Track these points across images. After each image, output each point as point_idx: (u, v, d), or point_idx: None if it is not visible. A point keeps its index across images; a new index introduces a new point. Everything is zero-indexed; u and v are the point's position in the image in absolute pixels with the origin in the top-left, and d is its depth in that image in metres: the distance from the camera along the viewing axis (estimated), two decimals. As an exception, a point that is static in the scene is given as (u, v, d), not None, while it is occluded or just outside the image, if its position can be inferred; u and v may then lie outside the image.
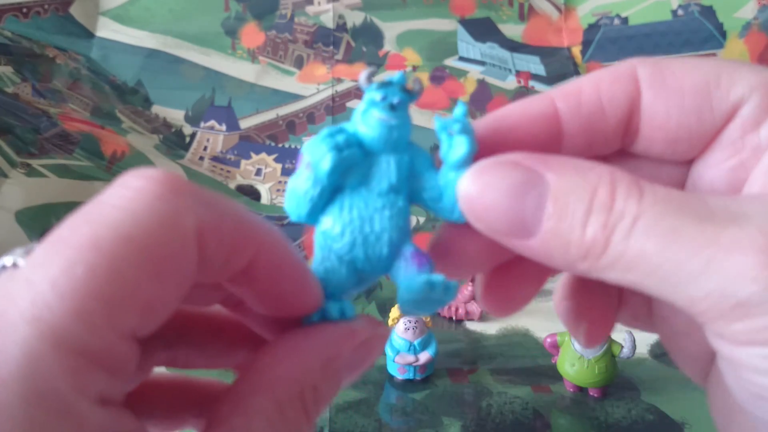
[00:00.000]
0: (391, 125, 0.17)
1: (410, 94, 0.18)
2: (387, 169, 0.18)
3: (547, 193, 0.16)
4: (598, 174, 0.16)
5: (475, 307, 0.61)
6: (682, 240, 0.15)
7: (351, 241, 0.18)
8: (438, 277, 0.17)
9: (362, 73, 0.18)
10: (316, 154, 0.17)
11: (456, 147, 0.17)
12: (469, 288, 0.60)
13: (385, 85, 0.18)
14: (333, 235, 0.18)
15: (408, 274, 0.18)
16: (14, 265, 0.15)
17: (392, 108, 0.17)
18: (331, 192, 0.18)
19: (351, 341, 0.17)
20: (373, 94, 0.18)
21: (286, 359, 0.16)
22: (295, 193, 0.18)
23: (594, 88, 0.19)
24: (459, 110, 0.18)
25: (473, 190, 0.17)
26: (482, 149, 0.18)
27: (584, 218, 0.16)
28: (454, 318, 0.62)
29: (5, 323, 0.13)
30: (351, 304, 0.18)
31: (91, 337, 0.13)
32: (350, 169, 0.17)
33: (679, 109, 0.18)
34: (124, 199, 0.14)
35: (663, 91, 0.18)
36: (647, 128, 0.19)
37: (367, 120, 0.17)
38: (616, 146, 0.19)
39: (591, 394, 0.50)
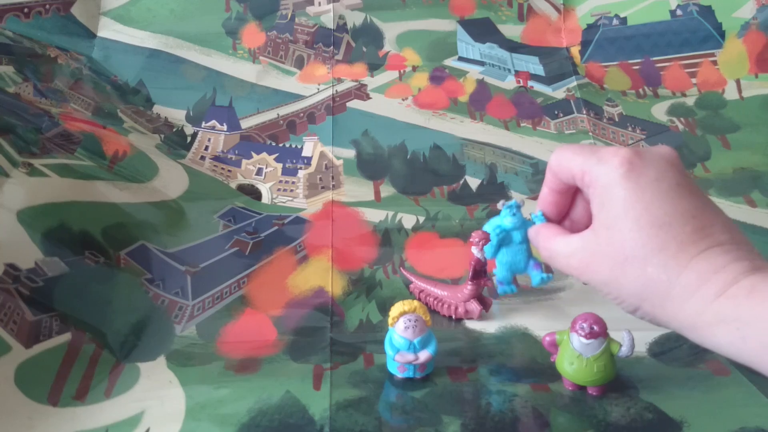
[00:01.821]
0: (516, 223, 0.51)
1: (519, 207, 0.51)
2: (518, 236, 0.51)
3: None
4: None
5: (474, 306, 0.61)
6: None
7: (510, 263, 0.52)
8: (548, 275, 0.52)
9: (502, 203, 0.52)
10: (491, 237, 0.52)
11: (534, 278, 0.53)
12: (468, 287, 0.60)
13: (510, 207, 0.51)
14: (504, 262, 0.53)
15: (535, 273, 0.52)
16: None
17: (514, 215, 0.51)
18: (498, 247, 0.52)
19: None
20: (506, 211, 0.51)
21: None
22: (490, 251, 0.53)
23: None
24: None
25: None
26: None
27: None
28: (453, 317, 0.62)
29: None
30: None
31: None
32: (504, 239, 0.52)
33: None
34: None
35: None
36: None
37: (504, 219, 0.51)
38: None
39: (590, 392, 0.50)
